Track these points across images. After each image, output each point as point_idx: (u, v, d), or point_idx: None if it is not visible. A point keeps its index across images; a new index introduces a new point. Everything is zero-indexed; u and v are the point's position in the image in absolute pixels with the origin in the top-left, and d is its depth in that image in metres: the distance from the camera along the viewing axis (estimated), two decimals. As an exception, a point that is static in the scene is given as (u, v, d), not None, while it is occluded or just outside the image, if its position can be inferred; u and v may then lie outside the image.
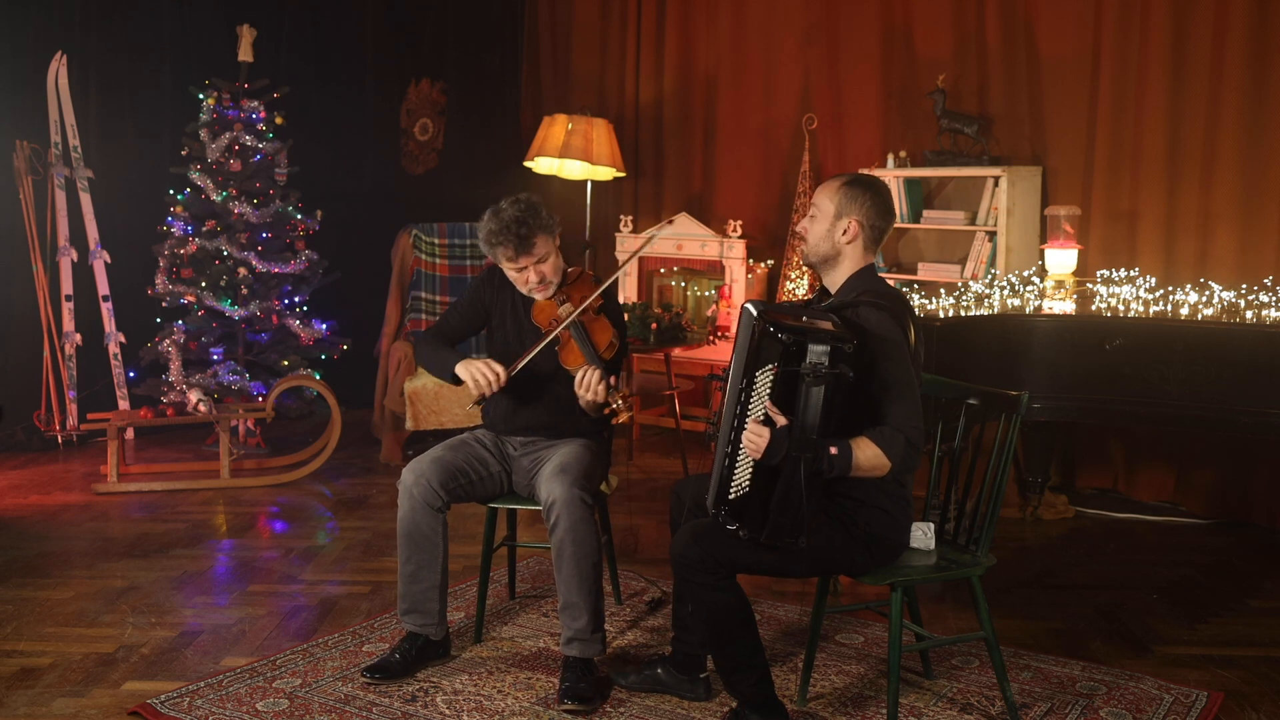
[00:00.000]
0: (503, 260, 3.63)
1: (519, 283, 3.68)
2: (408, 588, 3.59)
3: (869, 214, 3.08)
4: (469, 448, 3.69)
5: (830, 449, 2.82)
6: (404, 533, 3.57)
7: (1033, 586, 4.42)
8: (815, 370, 2.75)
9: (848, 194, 3.09)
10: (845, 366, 2.75)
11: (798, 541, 2.87)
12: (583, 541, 3.40)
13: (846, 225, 3.09)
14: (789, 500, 2.82)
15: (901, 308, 3.04)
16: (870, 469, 2.88)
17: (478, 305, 3.80)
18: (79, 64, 6.46)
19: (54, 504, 5.38)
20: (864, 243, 3.10)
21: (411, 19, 7.64)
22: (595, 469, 3.59)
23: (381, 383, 6.37)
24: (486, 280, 3.82)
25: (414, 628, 3.59)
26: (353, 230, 7.23)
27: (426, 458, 3.59)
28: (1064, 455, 5.67)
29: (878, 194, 3.11)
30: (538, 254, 3.61)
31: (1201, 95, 5.24)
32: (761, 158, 6.89)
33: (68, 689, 3.43)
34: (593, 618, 3.44)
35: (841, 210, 3.09)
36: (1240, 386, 4.17)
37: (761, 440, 2.82)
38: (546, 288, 3.67)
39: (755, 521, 2.88)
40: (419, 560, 3.57)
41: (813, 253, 3.15)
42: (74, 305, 6.37)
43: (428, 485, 3.52)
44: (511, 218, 3.56)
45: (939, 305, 4.75)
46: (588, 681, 3.39)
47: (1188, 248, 5.32)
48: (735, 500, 2.92)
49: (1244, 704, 3.42)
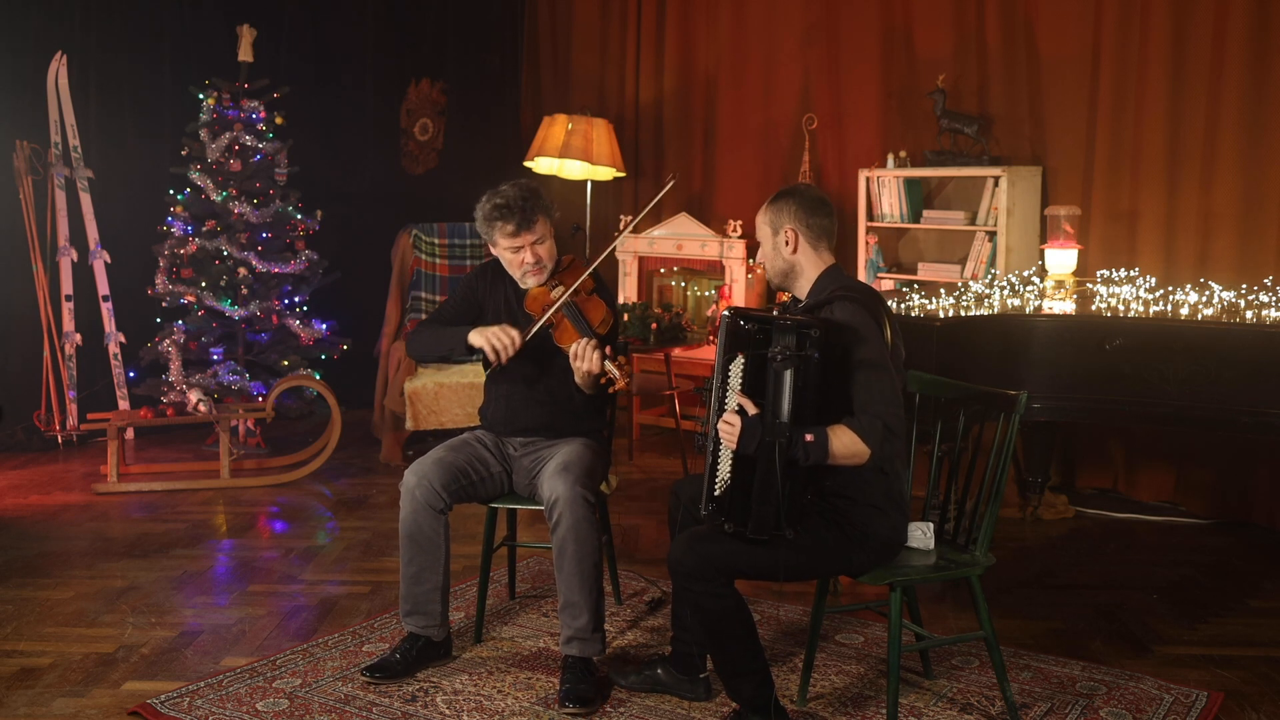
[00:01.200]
0: (501, 239, 3.63)
1: (514, 265, 3.66)
2: (410, 589, 3.59)
3: (798, 215, 3.15)
4: (470, 448, 3.69)
5: (805, 436, 2.85)
6: (406, 534, 3.56)
7: (1033, 586, 4.42)
8: (782, 354, 2.81)
9: (773, 209, 3.20)
10: (812, 349, 2.81)
11: (783, 532, 2.89)
12: (584, 540, 3.40)
13: (786, 235, 3.16)
14: (768, 489, 2.86)
15: (874, 301, 3.08)
16: (848, 456, 2.90)
17: (471, 300, 3.78)
18: (79, 64, 6.46)
19: (54, 504, 5.38)
20: (808, 244, 3.16)
21: (411, 19, 7.64)
22: (597, 468, 3.59)
23: (381, 383, 6.37)
24: (479, 275, 3.82)
25: (416, 629, 3.59)
26: (353, 230, 7.24)
27: (428, 459, 3.58)
28: (1064, 455, 5.66)
29: (801, 195, 3.19)
30: (538, 233, 3.63)
31: (1201, 95, 5.24)
32: (761, 158, 6.89)
33: (68, 689, 3.43)
34: (593, 617, 3.43)
35: (775, 225, 3.19)
36: (1240, 386, 4.17)
37: (734, 429, 2.87)
38: (541, 271, 3.67)
39: (739, 515, 2.91)
40: (421, 562, 3.56)
41: (773, 276, 3.25)
42: (74, 305, 6.37)
43: (430, 487, 3.51)
44: (514, 196, 3.59)
45: (939, 305, 4.74)
46: (588, 683, 3.38)
47: (1188, 248, 5.32)
48: (720, 496, 2.95)
49: (1244, 704, 3.42)
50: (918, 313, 4.62)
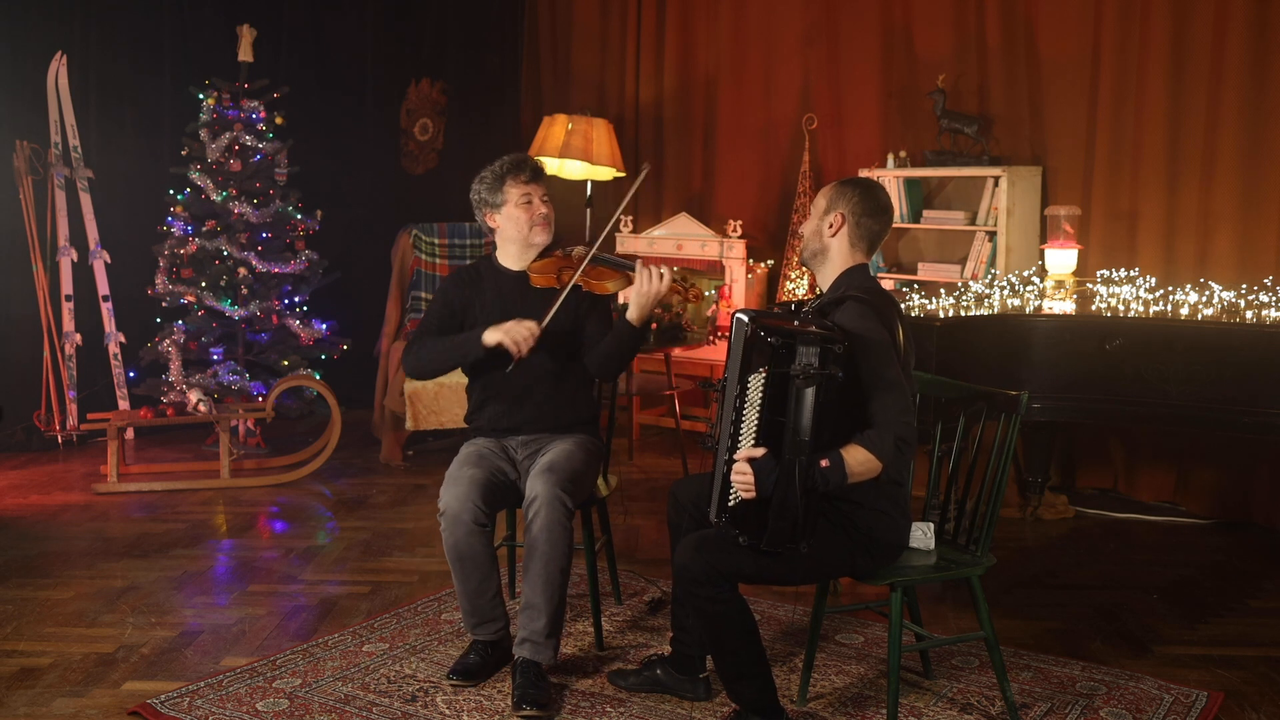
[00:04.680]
0: (514, 190, 3.67)
1: (524, 220, 3.68)
2: (474, 603, 3.51)
3: (855, 208, 3.12)
4: (488, 460, 3.61)
5: (821, 462, 2.81)
6: (456, 558, 3.46)
7: (1033, 586, 4.42)
8: (805, 371, 2.76)
9: (838, 190, 3.16)
10: (835, 367, 2.76)
11: (798, 547, 2.86)
12: (556, 543, 3.37)
13: (832, 219, 3.13)
14: (786, 506, 2.82)
15: (889, 306, 3.05)
16: (864, 473, 2.87)
17: (449, 309, 3.72)
18: (79, 64, 6.46)
19: (54, 504, 5.38)
20: (850, 238, 3.13)
21: (411, 19, 7.64)
22: (586, 471, 3.56)
23: (381, 383, 6.37)
24: (453, 283, 3.77)
25: (488, 637, 3.54)
26: (353, 230, 7.24)
27: (463, 480, 3.47)
28: (1064, 455, 5.66)
29: (868, 191, 3.15)
30: (545, 187, 3.72)
31: (1201, 95, 5.23)
32: (761, 158, 6.89)
33: (68, 689, 3.43)
34: (550, 622, 3.39)
35: (830, 205, 3.16)
36: (1240, 386, 4.17)
37: (749, 478, 2.83)
38: (548, 227, 3.71)
39: (754, 528, 2.88)
40: (479, 576, 3.48)
41: (805, 249, 3.22)
42: (74, 305, 6.37)
43: (475, 507, 3.42)
44: (519, 155, 3.76)
45: (939, 305, 4.74)
46: (541, 686, 3.34)
47: (1188, 248, 5.32)
48: (734, 508, 2.92)
49: (1244, 704, 3.42)
50: (918, 313, 4.62)
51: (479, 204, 3.75)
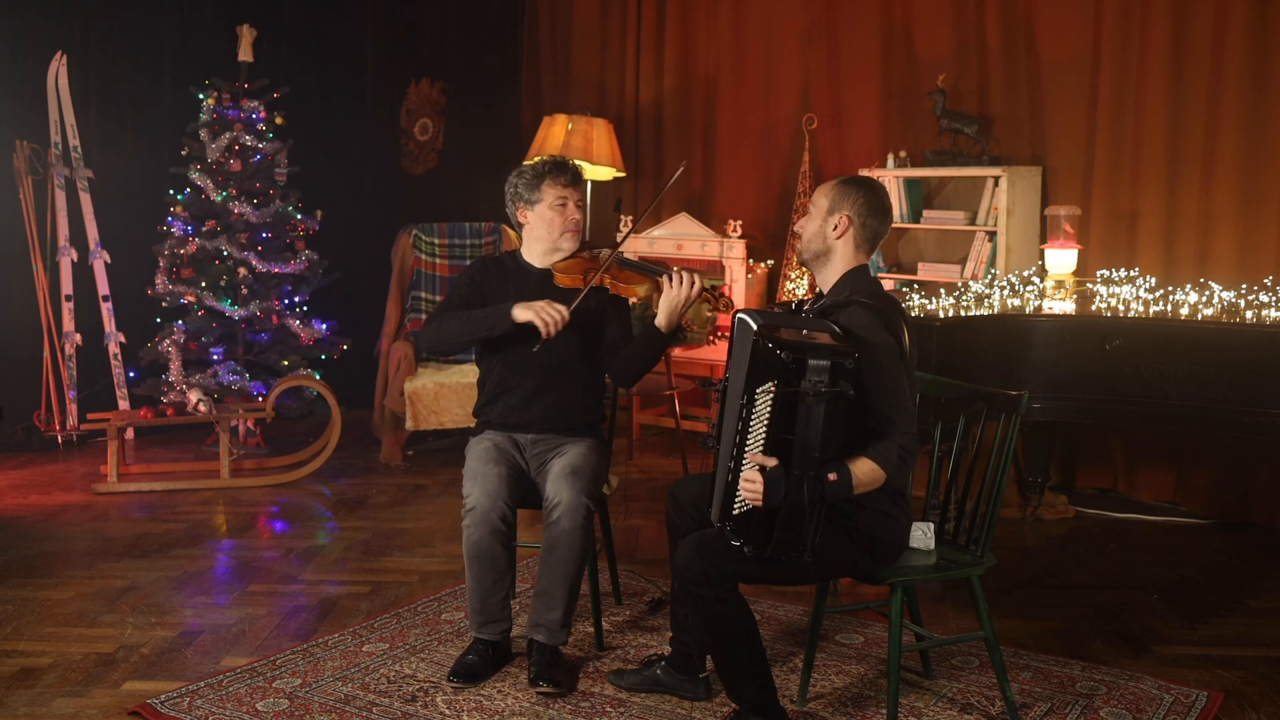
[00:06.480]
0: (551, 192, 3.66)
1: (556, 224, 3.67)
2: (484, 602, 3.52)
3: (860, 210, 3.09)
4: (508, 455, 3.61)
5: (829, 476, 2.80)
6: (474, 555, 3.47)
7: (1033, 586, 4.42)
8: (815, 389, 2.71)
9: (841, 190, 3.13)
10: (846, 383, 2.71)
11: (803, 556, 2.86)
12: (577, 545, 3.43)
13: (838, 220, 3.11)
14: (794, 517, 2.81)
15: (893, 309, 3.03)
16: (869, 485, 2.88)
17: (477, 291, 3.71)
18: (79, 64, 6.46)
19: (54, 504, 5.38)
20: (855, 240, 3.11)
21: (411, 19, 7.64)
22: (602, 473, 3.62)
23: (381, 383, 6.37)
24: (480, 270, 3.78)
25: (492, 637, 3.55)
26: (353, 230, 7.23)
27: (491, 477, 3.48)
28: (1064, 455, 5.66)
29: (872, 192, 3.12)
30: (580, 193, 3.71)
31: (1201, 95, 5.23)
32: (761, 158, 6.89)
33: (68, 689, 3.43)
34: (565, 613, 3.46)
35: (834, 206, 3.12)
36: (1240, 386, 4.17)
37: (757, 487, 2.81)
38: (578, 235, 3.70)
39: (760, 537, 2.86)
40: (494, 575, 3.49)
41: (806, 249, 3.19)
42: (74, 305, 6.37)
43: (504, 505, 3.44)
44: (560, 158, 3.73)
45: (939, 305, 4.74)
46: (559, 666, 3.42)
47: (1188, 248, 5.32)
48: (740, 516, 2.90)
49: (1244, 704, 3.42)
50: (918, 313, 4.62)
51: (514, 197, 3.73)
